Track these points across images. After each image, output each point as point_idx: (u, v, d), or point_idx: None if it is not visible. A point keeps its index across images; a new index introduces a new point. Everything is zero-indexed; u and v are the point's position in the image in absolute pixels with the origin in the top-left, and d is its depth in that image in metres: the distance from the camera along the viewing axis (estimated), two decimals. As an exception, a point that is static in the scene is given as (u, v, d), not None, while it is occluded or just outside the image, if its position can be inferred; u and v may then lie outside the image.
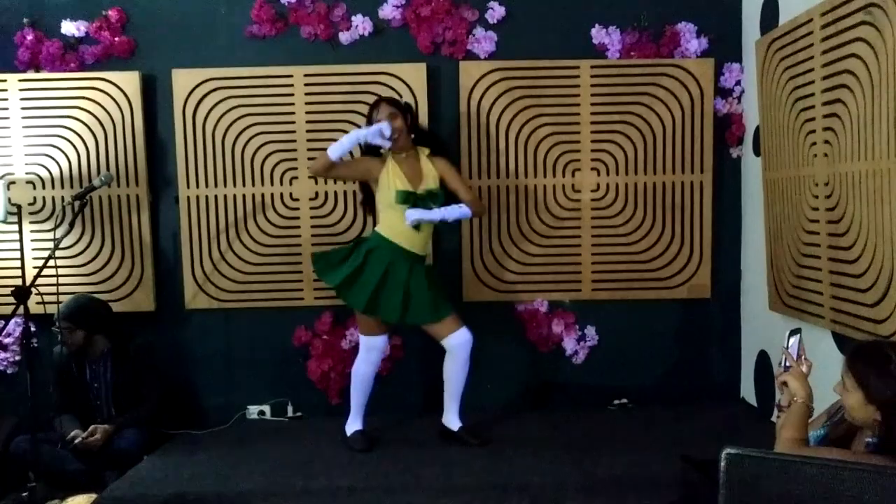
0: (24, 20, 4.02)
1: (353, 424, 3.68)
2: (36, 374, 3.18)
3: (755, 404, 4.05)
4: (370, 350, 3.60)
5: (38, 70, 4.06)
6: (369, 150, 3.55)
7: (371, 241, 3.55)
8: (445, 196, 3.53)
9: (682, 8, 4.04)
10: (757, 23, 3.88)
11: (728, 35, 4.07)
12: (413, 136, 3.56)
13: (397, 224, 3.47)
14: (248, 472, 3.32)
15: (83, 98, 4.02)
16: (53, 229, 3.60)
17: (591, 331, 4.18)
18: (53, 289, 3.27)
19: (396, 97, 3.76)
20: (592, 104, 4.05)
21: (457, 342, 3.53)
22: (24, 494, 3.13)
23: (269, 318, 4.15)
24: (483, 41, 4.04)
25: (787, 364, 2.23)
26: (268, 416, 4.16)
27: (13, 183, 4.01)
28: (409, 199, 3.44)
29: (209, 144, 4.07)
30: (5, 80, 3.99)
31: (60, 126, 4.03)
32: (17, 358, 4.10)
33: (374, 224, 3.66)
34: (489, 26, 4.05)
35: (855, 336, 2.88)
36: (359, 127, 4.00)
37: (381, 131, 3.39)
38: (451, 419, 3.64)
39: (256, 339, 4.17)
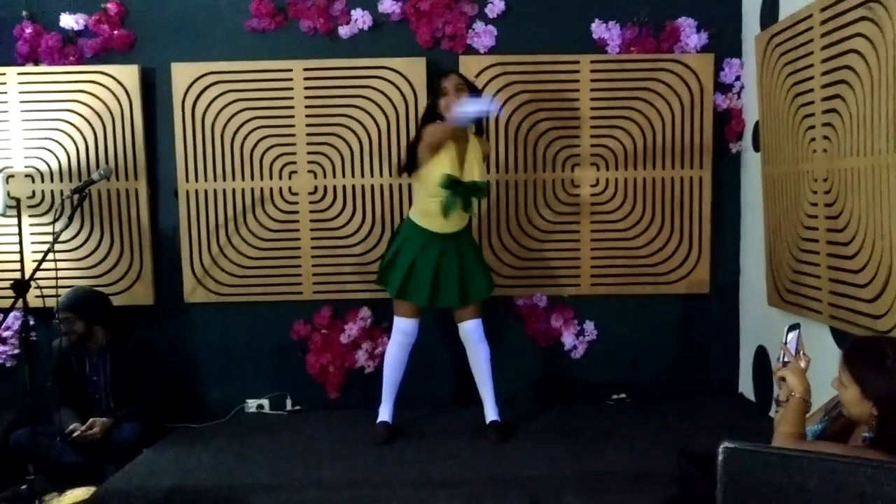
0: (23, 13, 4.01)
1: (381, 413, 3.68)
2: (35, 367, 3.18)
3: (753, 399, 4.06)
4: (397, 331, 3.61)
5: (36, 63, 4.05)
6: (429, 118, 3.47)
7: (404, 231, 3.57)
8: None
9: (682, 3, 4.04)
10: (757, 18, 3.87)
11: (728, 30, 4.06)
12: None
13: (429, 208, 3.44)
14: (247, 465, 3.32)
15: (82, 91, 4.01)
16: (52, 223, 3.59)
17: (589, 326, 4.18)
18: (52, 282, 3.27)
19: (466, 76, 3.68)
20: (592, 99, 4.05)
21: (463, 331, 3.60)
22: (24, 487, 3.14)
23: (268, 311, 4.15)
24: (483, 35, 4.04)
25: (786, 359, 2.24)
26: (266, 409, 4.16)
27: (12, 176, 4.00)
28: (453, 186, 3.37)
29: (208, 138, 4.06)
30: (4, 74, 3.98)
31: (59, 119, 4.02)
32: (16, 351, 4.10)
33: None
34: (489, 21, 4.04)
35: (853, 331, 2.89)
36: (358, 122, 4.04)
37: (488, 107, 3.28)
38: (486, 411, 3.65)
39: (255, 333, 4.18)
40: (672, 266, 4.14)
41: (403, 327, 3.59)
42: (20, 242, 3.39)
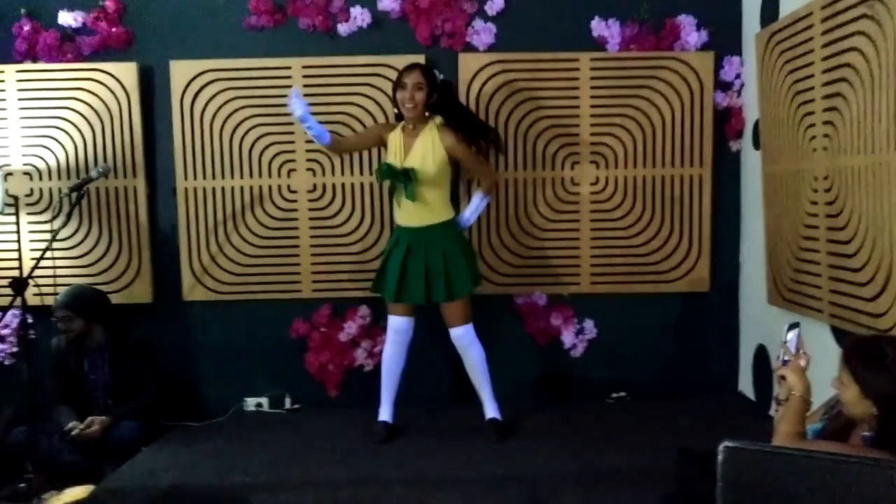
0: (22, 10, 4.00)
1: (380, 413, 3.68)
2: (33, 365, 3.19)
3: (753, 398, 4.06)
4: (390, 330, 3.64)
5: (35, 61, 4.05)
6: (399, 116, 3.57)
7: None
8: (455, 172, 3.63)
9: (682, 1, 4.03)
10: (757, 16, 3.86)
11: (728, 28, 4.05)
12: (441, 113, 3.52)
13: (396, 202, 3.57)
14: (246, 463, 3.32)
15: (80, 89, 4.01)
16: (51, 221, 3.60)
17: (589, 324, 4.18)
18: (51, 280, 3.28)
19: (434, 70, 3.67)
20: (592, 97, 4.04)
21: (452, 337, 3.60)
22: (22, 486, 3.15)
23: (267, 310, 4.15)
24: (482, 33, 4.03)
25: (786, 358, 2.23)
26: (265, 408, 4.16)
27: (10, 174, 3.99)
28: (388, 174, 3.48)
29: (207, 136, 4.06)
30: (2, 72, 3.98)
31: (58, 117, 4.02)
32: (15, 349, 4.09)
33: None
34: (488, 18, 4.04)
35: (853, 330, 2.89)
36: (357, 119, 4.04)
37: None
38: (485, 409, 3.65)
39: (254, 332, 4.17)
40: (672, 264, 4.14)
41: (396, 325, 3.61)
42: (18, 241, 3.39)
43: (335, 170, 4.08)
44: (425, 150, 3.46)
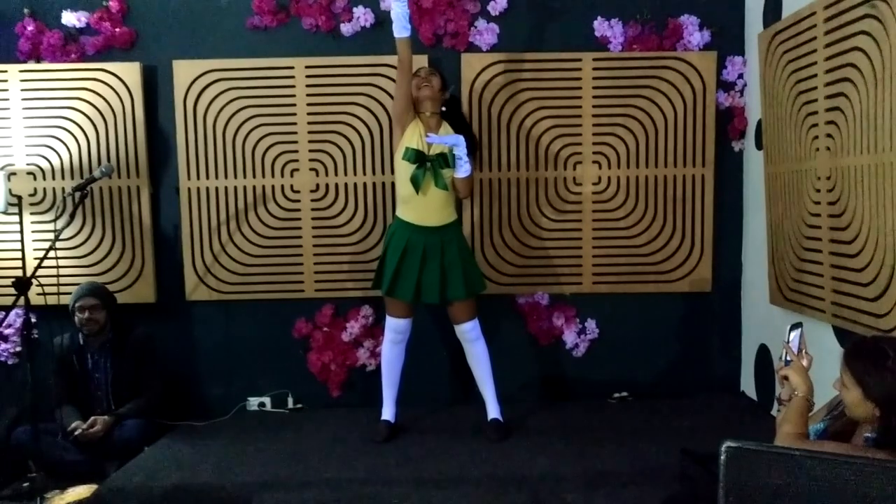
0: (25, 10, 4.01)
1: (383, 412, 3.68)
2: (36, 365, 3.19)
3: (755, 398, 4.05)
4: (388, 330, 3.63)
5: (38, 61, 4.05)
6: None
7: (391, 229, 3.60)
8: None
9: (685, 1, 4.03)
10: (760, 16, 3.86)
11: (731, 28, 4.05)
12: (444, 108, 3.54)
13: (408, 198, 3.48)
14: (249, 463, 3.33)
15: (84, 89, 4.01)
16: (54, 220, 3.60)
17: (591, 324, 4.18)
18: (54, 280, 3.28)
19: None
20: (594, 97, 4.04)
21: (459, 333, 3.60)
22: (25, 485, 3.16)
23: (270, 309, 4.15)
24: (485, 33, 4.03)
25: (788, 358, 2.23)
26: (268, 407, 4.16)
27: (14, 174, 4.00)
28: (417, 158, 3.42)
29: (210, 136, 4.06)
30: (6, 71, 3.98)
31: (61, 117, 4.02)
32: (18, 349, 4.10)
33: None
34: (491, 18, 4.04)
35: (856, 330, 2.88)
36: (360, 119, 4.04)
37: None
38: (487, 409, 3.66)
39: (257, 331, 4.18)
40: (674, 264, 4.14)
41: (394, 326, 3.61)
42: (22, 240, 3.40)
43: (338, 170, 4.09)
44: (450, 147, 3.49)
